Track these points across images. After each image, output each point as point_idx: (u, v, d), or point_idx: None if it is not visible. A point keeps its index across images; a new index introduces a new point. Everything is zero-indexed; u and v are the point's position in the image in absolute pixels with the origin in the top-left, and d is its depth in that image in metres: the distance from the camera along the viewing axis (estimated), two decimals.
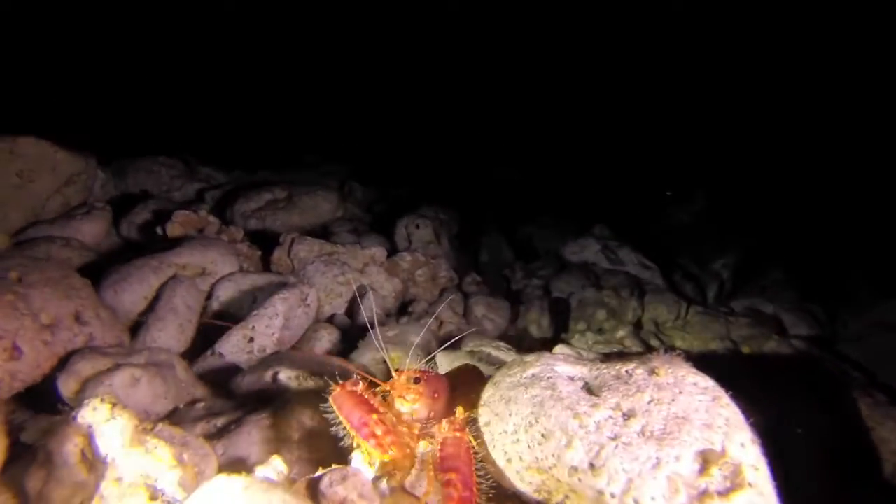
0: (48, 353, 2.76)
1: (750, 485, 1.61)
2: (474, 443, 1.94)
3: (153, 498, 1.61)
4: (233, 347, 3.25)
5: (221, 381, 3.20)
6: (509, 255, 7.35)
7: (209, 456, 1.80)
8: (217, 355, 3.25)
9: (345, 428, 2.02)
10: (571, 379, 2.01)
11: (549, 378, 1.95)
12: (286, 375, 2.73)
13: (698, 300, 6.78)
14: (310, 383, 2.77)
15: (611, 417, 1.77)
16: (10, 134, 4.64)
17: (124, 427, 1.68)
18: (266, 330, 3.31)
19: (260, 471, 1.93)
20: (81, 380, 2.54)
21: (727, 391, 1.89)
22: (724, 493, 1.60)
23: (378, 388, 2.26)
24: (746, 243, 7.57)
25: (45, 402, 2.78)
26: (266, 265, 5.03)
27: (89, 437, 1.66)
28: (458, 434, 1.97)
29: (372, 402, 2.14)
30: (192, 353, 3.66)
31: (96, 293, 3.55)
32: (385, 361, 3.33)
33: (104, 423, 1.68)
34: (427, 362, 2.68)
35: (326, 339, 3.80)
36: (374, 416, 2.02)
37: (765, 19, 8.86)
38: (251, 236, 5.69)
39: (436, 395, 2.28)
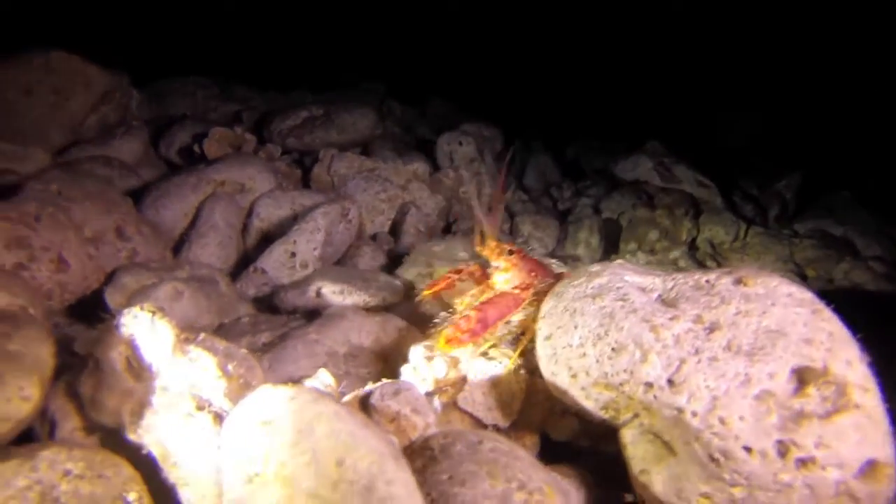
0: (94, 266, 2.72)
1: (857, 406, 1.41)
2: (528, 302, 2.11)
3: (200, 407, 1.54)
4: (275, 263, 3.17)
5: (266, 297, 3.16)
6: (556, 174, 7.03)
7: (255, 368, 1.71)
8: (259, 271, 3.18)
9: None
10: (643, 290, 1.81)
11: (618, 288, 1.75)
12: (330, 290, 2.63)
13: (759, 221, 6.39)
14: (354, 298, 2.66)
15: (691, 330, 1.58)
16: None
17: (166, 336, 1.59)
18: (307, 245, 3.20)
19: (308, 383, 1.85)
20: (128, 293, 2.50)
21: None
22: (825, 416, 1.41)
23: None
24: (811, 163, 7.01)
25: (96, 316, 2.79)
26: (306, 183, 4.91)
27: (132, 346, 1.58)
28: (517, 291, 2.15)
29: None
30: (235, 270, 3.63)
31: (137, 210, 3.49)
32: (430, 275, 3.21)
33: (146, 331, 1.59)
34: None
35: (370, 256, 3.69)
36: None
37: None
38: (290, 154, 5.56)
39: (532, 273, 2.33)
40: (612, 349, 1.63)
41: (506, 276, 2.33)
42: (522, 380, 2.23)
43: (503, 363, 2.25)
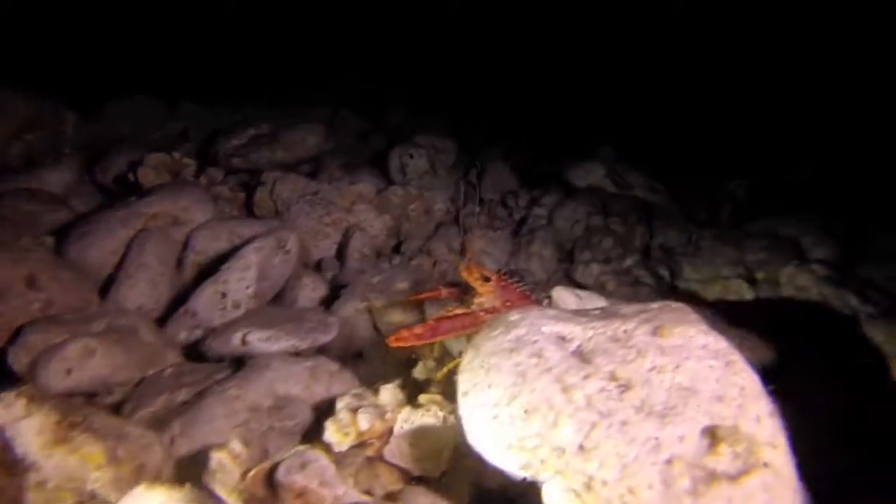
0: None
1: (765, 465, 1.37)
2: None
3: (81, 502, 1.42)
4: (205, 304, 3.03)
5: (198, 340, 3.02)
6: (512, 182, 6.97)
7: (151, 446, 1.60)
8: (190, 313, 3.04)
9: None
10: (563, 339, 1.75)
11: (534, 342, 1.69)
12: (256, 337, 2.51)
13: (711, 223, 6.44)
14: (282, 343, 2.55)
15: (604, 390, 1.52)
16: None
17: (43, 424, 1.46)
18: (239, 284, 3.07)
19: (214, 456, 1.74)
20: (33, 353, 2.34)
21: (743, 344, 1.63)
22: (734, 476, 1.36)
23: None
24: (764, 161, 7.11)
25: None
26: (251, 207, 4.76)
27: (3, 437, 1.45)
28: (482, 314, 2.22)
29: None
30: (171, 309, 3.47)
31: (57, 252, 3.32)
32: (370, 311, 3.12)
33: (19, 420, 1.46)
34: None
35: (310, 288, 3.57)
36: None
37: None
38: (236, 175, 5.39)
39: (508, 303, 2.41)
40: (525, 411, 1.56)
41: (481, 300, 2.43)
42: (452, 426, 2.16)
43: (432, 410, 2.17)
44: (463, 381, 1.78)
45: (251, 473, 1.69)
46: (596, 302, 2.86)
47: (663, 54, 8.29)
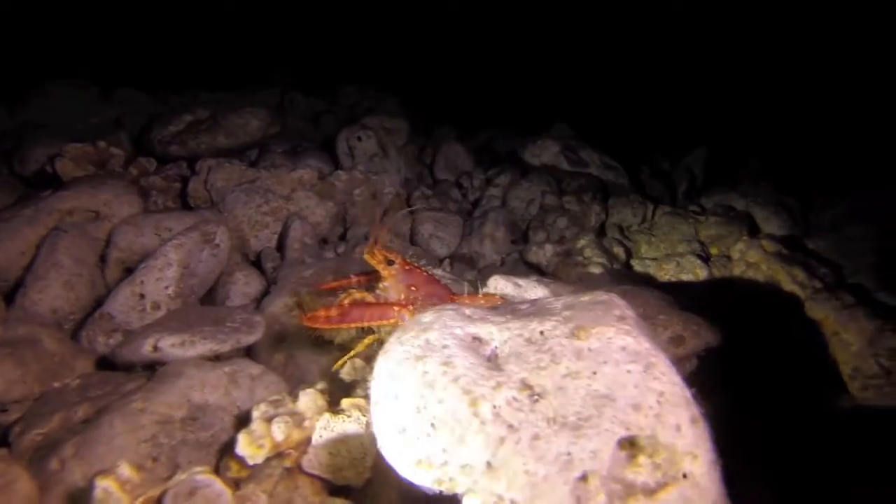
0: None
1: (684, 476, 1.26)
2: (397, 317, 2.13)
3: None
4: (122, 306, 2.82)
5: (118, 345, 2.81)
6: (467, 162, 6.80)
7: (13, 483, 1.41)
8: (106, 316, 2.82)
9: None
10: (479, 341, 1.61)
11: (444, 348, 1.54)
12: (169, 343, 2.32)
13: (667, 199, 6.40)
14: (199, 348, 2.36)
15: (515, 399, 1.38)
16: None
17: None
18: (157, 283, 2.86)
19: (99, 485, 1.56)
20: None
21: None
22: (653, 489, 1.25)
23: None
24: (718, 135, 7.08)
25: None
26: (186, 198, 4.50)
27: None
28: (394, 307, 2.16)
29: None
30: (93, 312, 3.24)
31: None
32: (300, 306, 2.94)
33: None
34: None
35: (243, 283, 3.37)
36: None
37: None
38: (176, 163, 5.09)
39: (412, 287, 2.40)
40: (432, 425, 1.42)
41: (385, 284, 2.41)
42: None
43: (353, 416, 2.03)
44: (373, 390, 1.63)
45: (137, 502, 1.52)
46: (535, 290, 2.74)
47: (616, 28, 8.16)
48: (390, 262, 2.43)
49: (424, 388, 1.47)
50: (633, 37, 7.93)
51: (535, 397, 1.38)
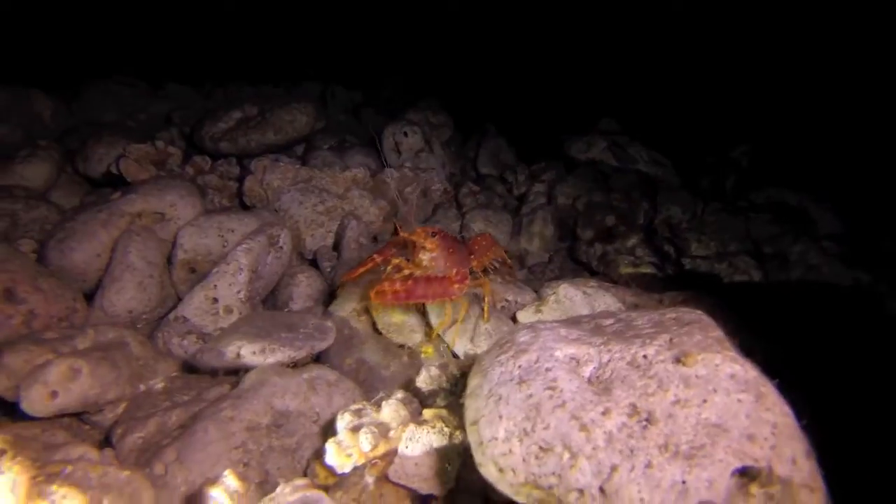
0: None
1: None
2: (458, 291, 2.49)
3: None
4: (196, 310, 2.91)
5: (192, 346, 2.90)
6: (510, 157, 6.77)
7: (139, 493, 1.48)
8: (181, 319, 2.91)
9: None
10: (577, 362, 1.63)
11: (547, 370, 1.56)
12: (249, 350, 2.39)
13: (717, 194, 6.28)
14: (277, 355, 2.43)
15: (625, 426, 1.40)
16: None
17: (16, 481, 1.35)
18: (230, 288, 2.93)
19: (212, 494, 1.63)
20: (16, 377, 2.22)
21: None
22: None
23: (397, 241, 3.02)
24: (767, 129, 6.90)
25: None
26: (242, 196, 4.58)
27: None
28: (452, 283, 2.48)
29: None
30: (164, 310, 3.35)
31: (38, 258, 3.18)
32: (368, 311, 2.99)
33: None
34: None
35: (305, 284, 3.44)
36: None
37: None
38: (226, 159, 5.18)
39: (451, 251, 2.88)
40: (540, 448, 1.45)
41: (431, 254, 2.81)
42: (459, 442, 2.06)
43: (437, 427, 2.07)
44: (470, 409, 1.67)
45: None
46: (603, 298, 2.74)
47: (660, 26, 7.97)
48: (433, 235, 2.85)
49: (530, 410, 1.49)
50: (678, 34, 7.74)
51: (645, 424, 1.39)
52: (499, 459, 1.53)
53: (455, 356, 2.91)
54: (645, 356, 1.54)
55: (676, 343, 1.54)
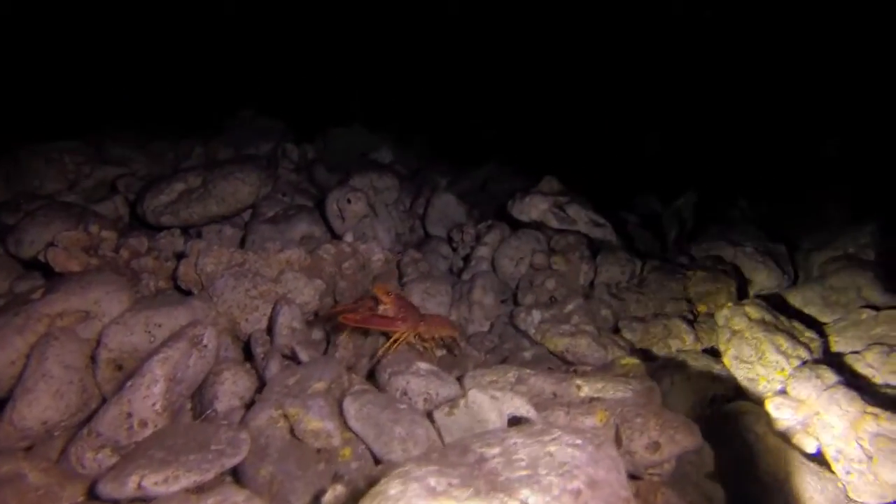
0: None
1: None
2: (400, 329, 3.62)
3: None
4: (109, 425, 2.87)
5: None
6: (460, 212, 6.86)
7: None
8: (94, 434, 2.88)
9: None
10: None
11: None
12: (152, 481, 2.36)
13: (657, 249, 6.45)
14: (182, 482, 2.41)
15: None
16: None
17: None
18: (145, 402, 2.91)
19: None
20: None
21: None
22: None
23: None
24: (709, 177, 7.15)
25: None
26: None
27: None
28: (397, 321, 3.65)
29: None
30: (85, 416, 3.30)
31: None
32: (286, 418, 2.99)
33: None
34: None
35: (230, 382, 3.42)
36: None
37: None
38: (170, 231, 5.15)
39: (403, 308, 3.72)
40: None
41: (385, 307, 3.70)
42: None
43: None
44: None
45: None
46: (512, 402, 2.79)
47: (604, 70, 8.25)
48: (388, 293, 3.76)
49: None
50: (622, 80, 8.01)
51: None
52: None
53: (372, 455, 2.93)
54: None
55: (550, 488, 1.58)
